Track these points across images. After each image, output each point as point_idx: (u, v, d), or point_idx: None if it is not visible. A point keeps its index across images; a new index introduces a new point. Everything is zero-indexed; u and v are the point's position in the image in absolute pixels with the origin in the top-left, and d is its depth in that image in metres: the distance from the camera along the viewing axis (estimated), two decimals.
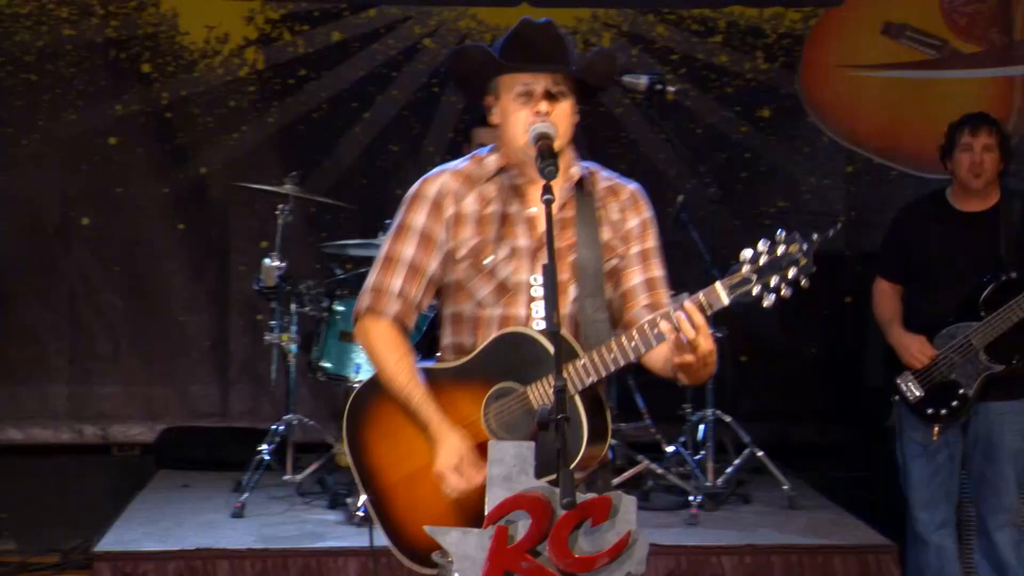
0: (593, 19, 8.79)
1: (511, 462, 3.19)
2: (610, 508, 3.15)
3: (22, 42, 8.45)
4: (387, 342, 3.76)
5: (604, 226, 3.80)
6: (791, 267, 3.36)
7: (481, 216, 3.77)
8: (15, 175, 8.44)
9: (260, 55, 8.58)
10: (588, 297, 3.70)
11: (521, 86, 3.71)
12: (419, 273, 3.78)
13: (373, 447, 3.81)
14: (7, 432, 8.50)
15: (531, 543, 3.15)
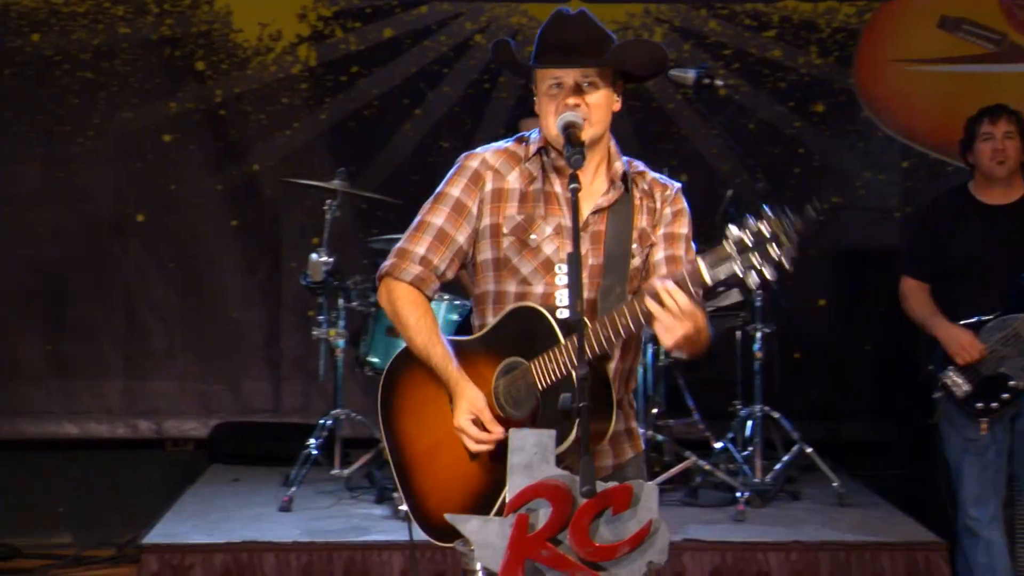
0: (645, 14, 8.76)
1: (532, 450, 3.19)
2: (631, 496, 3.13)
3: (79, 40, 8.53)
4: (408, 302, 3.80)
5: (643, 215, 3.81)
6: (774, 246, 3.29)
7: (525, 193, 3.80)
8: (71, 172, 8.53)
9: (312, 52, 8.62)
10: (612, 284, 3.71)
11: (552, 79, 3.74)
12: (445, 242, 3.81)
13: (401, 419, 3.87)
14: (64, 427, 8.58)
15: (552, 531, 3.14)
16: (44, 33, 8.50)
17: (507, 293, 3.79)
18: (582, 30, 3.76)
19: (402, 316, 3.80)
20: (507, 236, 3.77)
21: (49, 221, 8.55)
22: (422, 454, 3.80)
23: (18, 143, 8.50)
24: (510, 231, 3.77)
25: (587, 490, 3.09)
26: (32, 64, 8.51)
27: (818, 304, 8.82)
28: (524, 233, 3.76)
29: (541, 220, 3.76)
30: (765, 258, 3.31)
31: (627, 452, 3.86)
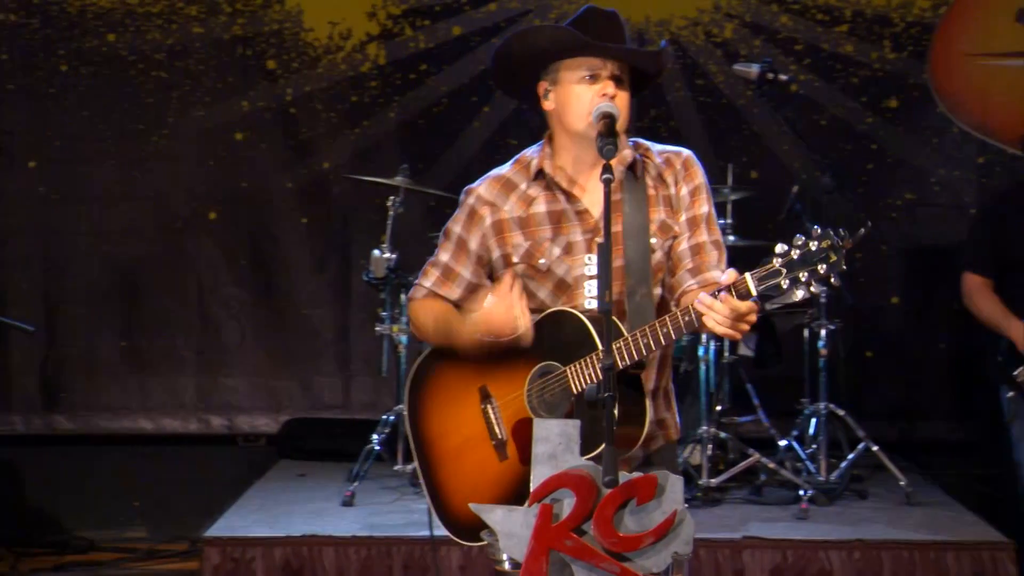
0: (715, 10, 8.71)
1: (556, 440, 3.19)
2: (656, 487, 3.12)
3: (153, 40, 8.63)
4: (418, 308, 3.97)
5: (659, 206, 3.80)
6: (821, 264, 3.31)
7: (526, 218, 3.84)
8: (145, 171, 8.63)
9: (382, 50, 8.66)
10: (636, 284, 3.70)
11: (586, 69, 3.75)
12: (451, 278, 3.93)
13: (427, 418, 3.91)
14: (138, 422, 8.68)
15: (576, 522, 3.14)
16: (119, 33, 8.61)
17: None
18: (616, 27, 3.83)
19: (416, 323, 3.97)
20: (518, 264, 3.83)
21: (124, 219, 8.66)
22: (448, 453, 3.83)
23: (94, 142, 8.61)
24: (520, 259, 3.83)
25: (609, 480, 3.09)
26: (107, 64, 8.62)
27: (891, 302, 8.73)
28: (533, 259, 3.81)
29: (548, 243, 3.80)
30: (813, 275, 3.33)
31: (657, 441, 3.86)
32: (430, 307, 3.91)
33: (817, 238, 3.35)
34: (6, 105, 8.60)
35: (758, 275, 3.39)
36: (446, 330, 3.80)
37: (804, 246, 3.35)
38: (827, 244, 3.33)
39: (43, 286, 8.64)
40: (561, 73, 3.78)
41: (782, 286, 3.36)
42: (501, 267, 3.85)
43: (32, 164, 8.61)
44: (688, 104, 8.68)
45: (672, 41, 8.67)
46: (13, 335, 8.51)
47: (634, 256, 3.72)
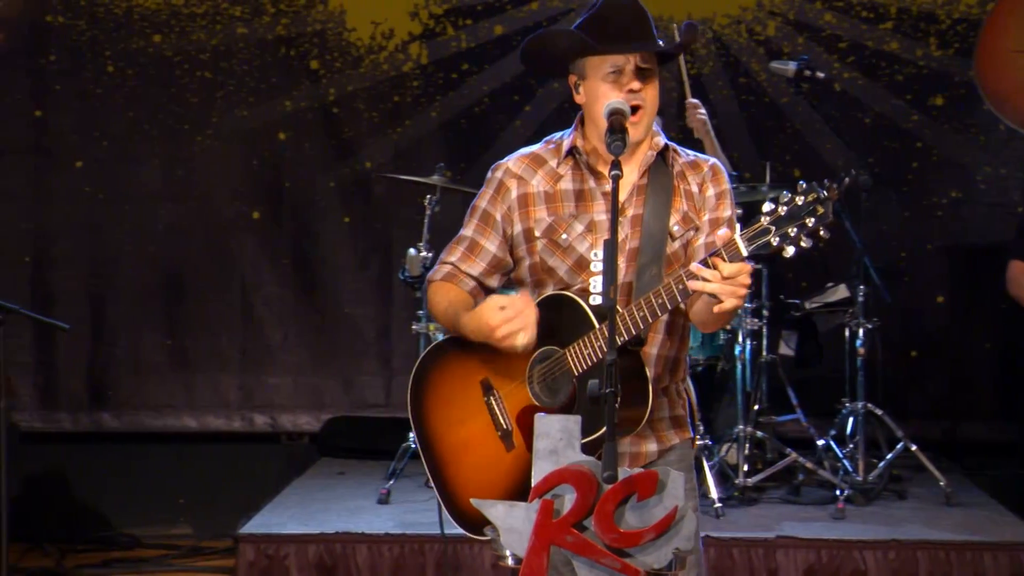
0: (758, 7, 8.68)
1: (557, 436, 3.19)
2: (656, 483, 3.11)
3: (198, 41, 8.70)
4: (436, 290, 3.93)
5: (681, 198, 3.79)
6: (809, 217, 3.30)
7: (552, 193, 3.82)
8: (190, 170, 8.71)
9: (424, 50, 8.69)
10: (648, 265, 3.69)
11: (610, 66, 3.75)
12: (475, 252, 3.89)
13: (432, 413, 3.90)
14: (183, 420, 8.75)
15: (576, 517, 3.13)
16: (164, 34, 8.69)
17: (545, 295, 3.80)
18: (638, 15, 3.77)
19: (432, 305, 3.93)
20: (540, 239, 3.81)
21: (169, 219, 8.74)
22: (454, 447, 3.83)
23: (140, 142, 8.70)
24: (542, 234, 3.80)
25: (608, 475, 3.08)
26: (153, 65, 8.70)
27: (936, 301, 8.66)
28: (555, 234, 3.79)
29: (572, 219, 3.78)
30: (802, 229, 3.32)
31: (671, 439, 3.84)
32: (445, 292, 3.89)
33: (803, 192, 3.34)
34: (54, 106, 8.70)
35: (747, 235, 3.37)
36: (453, 321, 3.80)
37: (791, 202, 3.33)
38: (813, 197, 3.32)
39: (89, 285, 8.73)
40: (587, 69, 3.80)
41: (772, 243, 3.35)
42: (522, 242, 3.83)
43: (79, 164, 8.70)
44: (730, 102, 8.64)
45: (714, 39, 8.65)
46: (61, 335, 8.60)
47: (650, 237, 3.72)
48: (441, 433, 3.87)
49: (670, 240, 3.74)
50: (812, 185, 3.35)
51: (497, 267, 3.89)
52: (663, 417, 3.83)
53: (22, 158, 8.73)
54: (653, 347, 3.74)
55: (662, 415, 3.82)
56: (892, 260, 8.56)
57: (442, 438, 3.86)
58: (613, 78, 3.72)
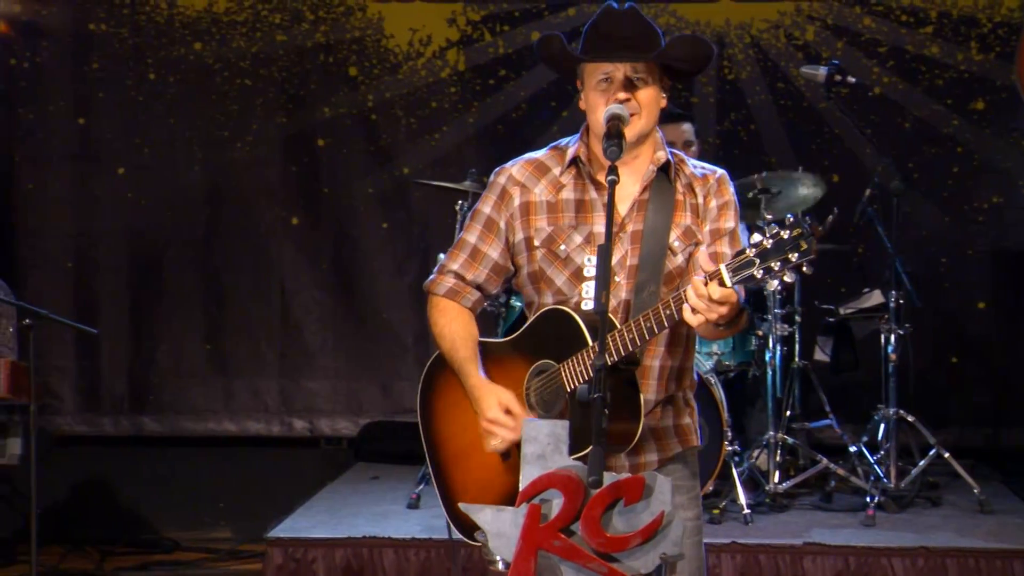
0: (797, 12, 8.65)
1: (545, 440, 3.20)
2: (643, 488, 3.12)
3: (238, 48, 8.78)
4: (439, 310, 3.92)
5: (686, 212, 3.78)
6: (793, 252, 3.28)
7: (554, 203, 3.81)
8: (230, 176, 8.78)
9: (461, 56, 8.73)
10: (646, 282, 3.69)
11: (602, 74, 3.74)
12: (477, 259, 3.89)
13: (438, 418, 3.93)
14: (223, 424, 8.83)
15: (564, 522, 3.14)
16: (205, 42, 8.77)
17: (545, 305, 3.80)
18: (633, 25, 3.75)
19: (432, 324, 3.93)
20: (539, 248, 3.81)
21: (209, 224, 8.82)
22: (457, 454, 3.85)
23: (181, 149, 8.79)
24: (541, 243, 3.80)
25: (593, 480, 3.09)
26: (194, 72, 8.79)
27: (977, 307, 8.59)
28: (554, 244, 3.79)
29: (571, 230, 3.78)
30: (785, 264, 3.31)
31: (673, 447, 3.82)
32: (448, 317, 3.88)
33: (789, 227, 3.31)
34: (96, 113, 8.81)
35: (732, 266, 3.37)
36: (458, 363, 3.81)
37: (776, 235, 3.32)
38: (798, 232, 3.30)
39: (131, 289, 8.82)
40: (584, 76, 3.80)
41: (756, 276, 3.34)
42: (522, 250, 3.83)
43: (121, 170, 8.80)
44: (769, 107, 8.62)
45: (752, 44, 8.63)
46: (103, 339, 8.71)
47: (649, 254, 3.71)
48: (445, 439, 3.90)
49: (671, 255, 3.73)
50: (798, 220, 3.34)
51: (499, 274, 3.90)
52: (666, 426, 3.81)
53: (66, 164, 8.85)
54: (655, 360, 3.73)
55: (665, 424, 3.80)
56: (933, 266, 8.51)
57: (445, 444, 3.90)
58: (604, 87, 3.72)
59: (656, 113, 3.78)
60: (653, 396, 3.74)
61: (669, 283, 3.72)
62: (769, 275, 3.33)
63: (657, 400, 3.75)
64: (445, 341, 3.87)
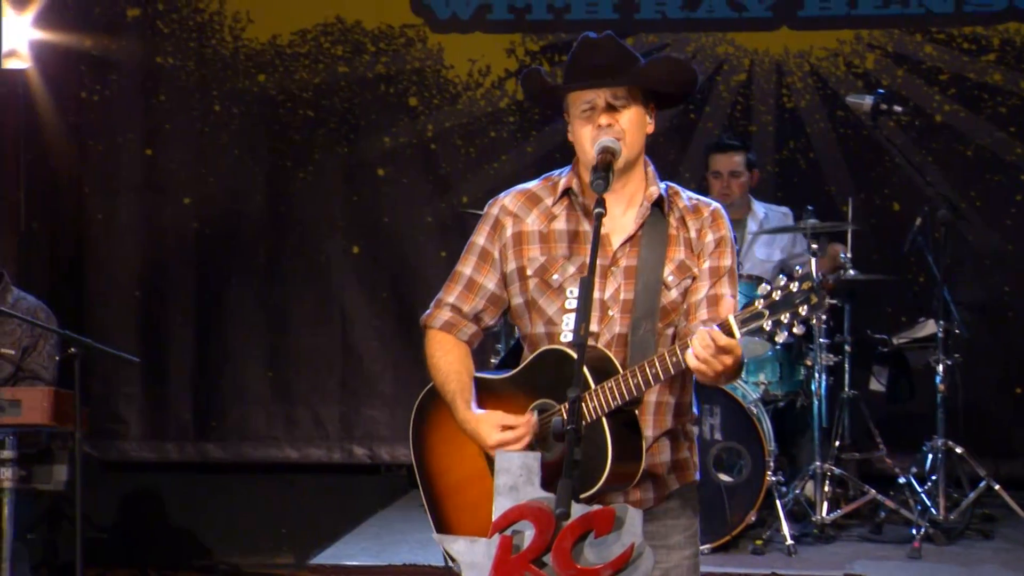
0: (856, 40, 8.61)
1: (517, 472, 3.22)
2: (613, 520, 3.13)
3: (300, 80, 8.91)
4: (435, 343, 3.94)
5: (679, 247, 3.77)
6: (802, 305, 3.33)
7: (546, 233, 3.82)
8: (292, 206, 8.90)
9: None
10: (642, 318, 3.69)
11: (584, 103, 3.77)
12: (474, 290, 3.91)
13: (431, 452, 3.94)
14: (285, 451, 8.93)
15: (535, 553, 3.16)
16: (269, 74, 8.91)
17: (537, 335, 3.81)
18: (609, 52, 3.76)
19: (428, 357, 3.94)
20: (531, 278, 3.81)
21: (271, 253, 8.93)
22: (452, 487, 3.86)
23: (244, 179, 8.93)
24: (533, 273, 3.81)
25: (560, 512, 3.10)
26: (257, 103, 8.93)
27: None
28: (547, 274, 3.79)
29: (564, 260, 3.78)
30: (794, 316, 3.36)
31: (672, 484, 3.80)
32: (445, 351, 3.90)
33: (798, 279, 3.37)
34: (163, 144, 8.98)
35: (741, 317, 3.41)
36: (451, 400, 3.83)
37: (785, 288, 3.36)
38: (807, 286, 3.34)
39: (196, 317, 8.96)
40: (569, 108, 3.84)
41: (765, 328, 3.38)
42: (515, 280, 3.85)
43: (187, 200, 8.96)
44: (828, 135, 8.58)
45: (811, 72, 8.60)
46: (171, 367, 8.89)
47: (643, 291, 3.71)
48: (440, 471, 3.91)
49: (665, 290, 3.72)
50: (808, 273, 3.39)
51: (496, 305, 3.91)
52: (663, 462, 3.78)
53: (134, 195, 9.02)
54: (651, 395, 3.71)
55: (663, 459, 3.78)
56: (996, 294, 8.41)
57: (439, 477, 3.91)
58: (587, 115, 3.76)
59: (641, 138, 3.79)
60: (650, 432, 3.72)
61: (664, 318, 3.72)
62: (779, 327, 3.37)
63: (654, 436, 3.75)
64: (439, 374, 3.88)
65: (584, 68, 3.75)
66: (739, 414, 6.58)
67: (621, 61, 3.75)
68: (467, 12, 8.83)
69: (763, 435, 6.53)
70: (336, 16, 8.89)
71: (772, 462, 6.61)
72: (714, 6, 8.66)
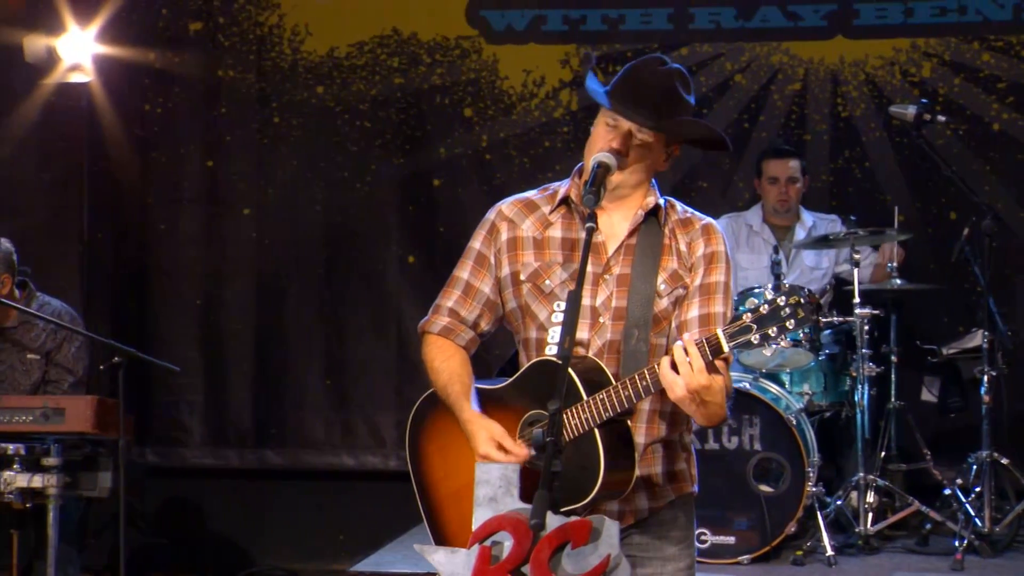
0: (912, 49, 8.55)
1: (497, 483, 3.27)
2: (590, 531, 3.17)
3: (358, 91, 9.00)
4: (434, 348, 4.04)
5: (671, 256, 3.81)
6: (790, 320, 3.38)
7: (540, 239, 3.89)
8: (349, 217, 8.99)
9: (574, 96, 8.81)
10: (635, 327, 3.72)
11: (610, 118, 3.82)
12: (471, 295, 3.97)
13: (429, 460, 4.00)
14: (342, 458, 9.01)
15: (513, 563, 3.21)
16: (327, 86, 9.01)
17: (530, 340, 3.87)
18: (661, 90, 3.79)
19: (428, 361, 4.03)
20: (525, 283, 3.87)
21: (329, 263, 9.03)
22: (448, 497, 3.91)
23: (302, 190, 9.03)
24: (527, 278, 3.86)
25: (535, 524, 3.15)
26: (316, 115, 9.02)
27: None
28: (540, 279, 3.84)
29: (558, 266, 3.83)
30: (782, 330, 3.40)
31: (667, 495, 3.83)
32: (444, 356, 3.99)
33: (785, 293, 3.40)
34: (224, 156, 9.10)
35: (730, 330, 3.45)
36: (453, 402, 3.89)
37: (773, 302, 3.39)
38: (795, 300, 3.38)
39: (256, 325, 9.07)
40: (599, 113, 3.87)
41: (752, 341, 3.41)
42: (509, 285, 3.90)
43: (247, 211, 9.08)
44: (883, 144, 8.53)
45: (867, 81, 8.56)
46: (231, 375, 9.01)
47: (636, 300, 3.75)
48: (436, 481, 3.97)
49: (657, 299, 3.76)
50: (795, 288, 3.43)
51: (491, 310, 3.97)
52: (658, 472, 3.81)
53: (197, 206, 9.15)
54: (644, 402, 3.75)
55: (658, 470, 3.81)
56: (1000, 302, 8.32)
57: (436, 486, 3.97)
58: (607, 130, 3.80)
59: (647, 168, 3.85)
60: (642, 439, 3.76)
61: (656, 326, 3.75)
62: (766, 340, 3.41)
63: (647, 443, 3.77)
64: (441, 376, 3.95)
65: (630, 91, 3.79)
66: (779, 425, 6.58)
67: (667, 105, 3.78)
68: (522, 23, 8.88)
69: (802, 446, 6.51)
70: (392, 28, 8.97)
71: (812, 472, 6.59)
72: (768, 16, 8.65)
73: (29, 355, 6.64)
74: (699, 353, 3.43)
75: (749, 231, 7.91)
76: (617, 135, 3.79)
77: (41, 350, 6.70)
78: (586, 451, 3.56)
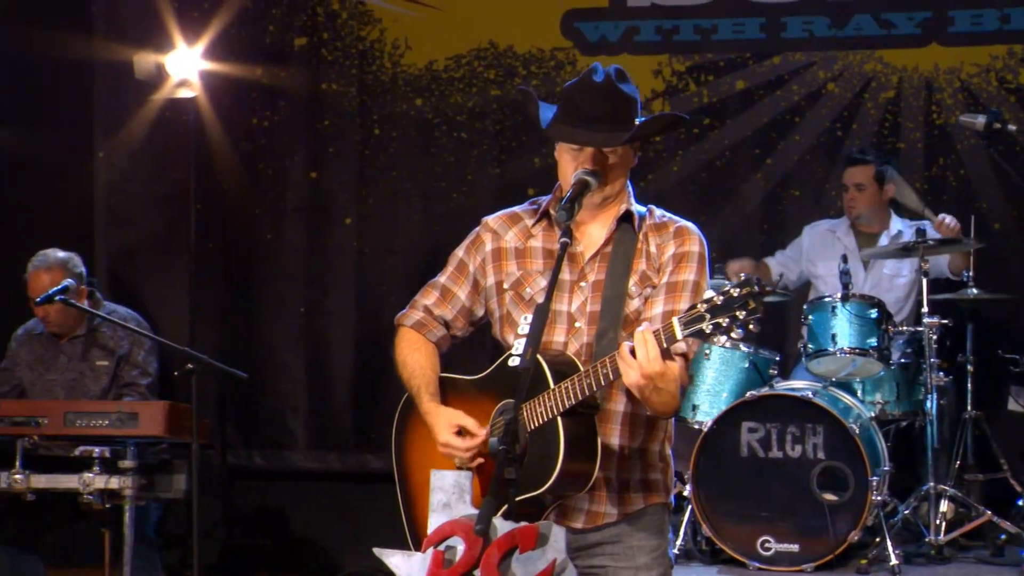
0: (1009, 55, 8.46)
1: (450, 490, 3.39)
2: (536, 536, 3.27)
3: (455, 103, 9.17)
4: (405, 340, 4.23)
5: (641, 259, 3.92)
6: (740, 310, 3.43)
7: (523, 249, 4.05)
8: (446, 226, 9.12)
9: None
10: (606, 327, 3.82)
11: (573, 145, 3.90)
12: (447, 298, 4.17)
13: (408, 452, 4.18)
14: None
15: (465, 567, 3.33)
16: (426, 98, 9.20)
17: (511, 344, 3.97)
18: (607, 101, 3.90)
19: (397, 354, 4.22)
20: (507, 291, 4.01)
21: (427, 272, 9.08)
22: (421, 486, 4.02)
23: (401, 200, 9.22)
24: (510, 286, 4.01)
25: (479, 530, 3.26)
26: (414, 127, 9.21)
27: None
28: (521, 288, 3.98)
29: (538, 275, 3.97)
30: (733, 320, 3.46)
31: (636, 503, 3.90)
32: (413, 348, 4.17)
33: (739, 285, 3.46)
34: (327, 167, 9.33)
35: (684, 319, 3.52)
36: (416, 394, 4.05)
37: (726, 294, 3.47)
38: (747, 291, 3.45)
39: (357, 333, 9.27)
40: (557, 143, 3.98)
41: (705, 330, 3.49)
42: (494, 294, 4.06)
43: (348, 221, 9.29)
44: (979, 153, 8.42)
45: (962, 88, 8.47)
46: (334, 381, 9.23)
47: (608, 301, 3.87)
48: (413, 471, 4.14)
49: (628, 300, 3.86)
50: (749, 279, 3.50)
51: (466, 316, 4.16)
52: (632, 479, 3.90)
53: (301, 216, 9.39)
54: (617, 404, 3.86)
55: (631, 476, 3.90)
56: None
57: (413, 476, 4.13)
58: (574, 153, 3.90)
59: (623, 175, 3.95)
60: (616, 441, 3.85)
61: (628, 326, 3.85)
62: (718, 330, 3.48)
63: (621, 446, 3.85)
64: (405, 369, 4.14)
65: (580, 116, 3.89)
66: (842, 433, 6.58)
67: (617, 111, 3.89)
68: (615, 34, 8.96)
69: (866, 454, 6.50)
70: (489, 41, 9.12)
71: (877, 481, 6.57)
72: (862, 24, 8.62)
73: (98, 362, 6.92)
74: (655, 341, 3.51)
75: (832, 238, 7.89)
76: (586, 157, 3.88)
77: (111, 356, 6.98)
78: (548, 438, 3.68)
